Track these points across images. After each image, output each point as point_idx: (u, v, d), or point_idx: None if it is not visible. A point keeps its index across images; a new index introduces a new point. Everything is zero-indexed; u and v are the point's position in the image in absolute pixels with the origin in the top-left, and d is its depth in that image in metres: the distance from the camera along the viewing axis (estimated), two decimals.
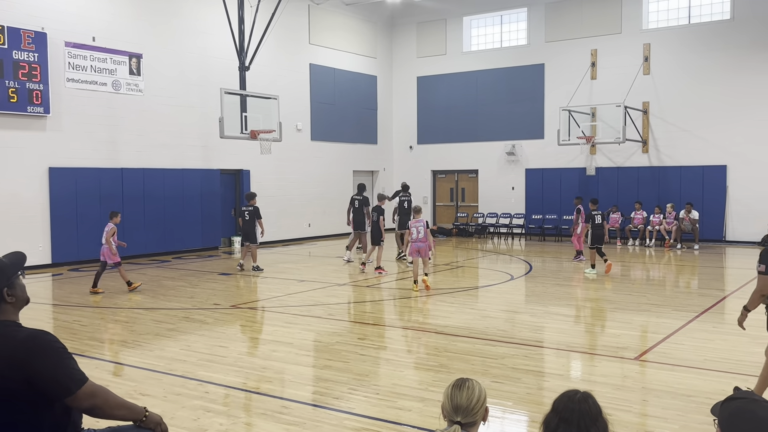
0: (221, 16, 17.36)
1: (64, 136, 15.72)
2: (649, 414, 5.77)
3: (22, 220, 14.96)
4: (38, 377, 2.86)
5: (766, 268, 5.28)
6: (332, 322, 9.64)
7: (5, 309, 3.05)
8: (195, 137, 18.61)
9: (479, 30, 24.47)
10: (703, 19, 20.40)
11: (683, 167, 20.44)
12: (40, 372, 2.87)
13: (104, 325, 9.39)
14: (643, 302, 10.85)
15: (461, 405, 2.89)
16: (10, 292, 3.06)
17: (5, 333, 2.98)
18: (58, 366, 2.91)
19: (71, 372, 2.94)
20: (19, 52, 14.61)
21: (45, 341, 2.96)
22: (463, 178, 24.77)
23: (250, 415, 5.83)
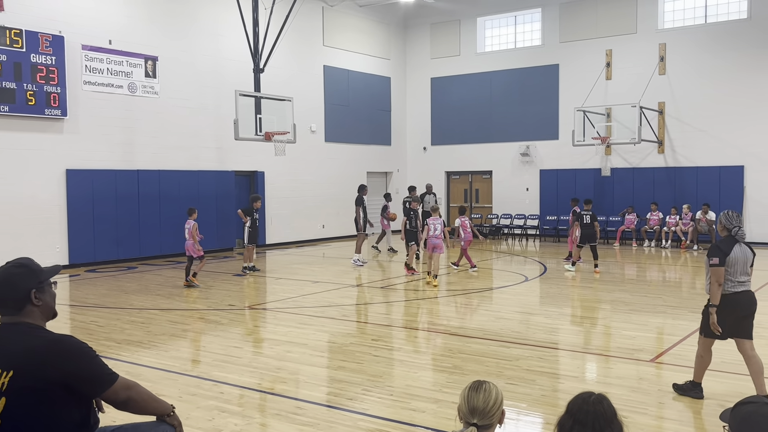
0: (236, 19, 17.46)
1: (81, 138, 15.87)
2: (665, 417, 5.73)
3: (39, 222, 15.12)
4: (74, 378, 2.93)
5: (718, 261, 5.77)
6: (346, 323, 9.65)
7: (31, 311, 3.08)
8: (210, 139, 18.72)
9: (493, 31, 24.42)
10: (720, 19, 20.21)
11: (700, 168, 20.26)
12: (76, 373, 2.94)
13: (120, 325, 9.47)
14: (659, 304, 10.77)
15: (478, 407, 2.89)
16: (38, 296, 3.09)
17: (33, 333, 3.03)
18: (91, 364, 3.00)
19: (104, 368, 3.04)
20: (37, 55, 14.78)
21: (73, 343, 3.02)
22: (477, 179, 24.71)
23: (265, 415, 5.85)
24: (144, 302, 11.35)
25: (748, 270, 5.92)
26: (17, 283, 3.06)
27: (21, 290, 3.05)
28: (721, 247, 5.88)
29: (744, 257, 5.90)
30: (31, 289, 3.07)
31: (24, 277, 3.09)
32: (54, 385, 2.89)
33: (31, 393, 2.88)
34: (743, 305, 5.90)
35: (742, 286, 5.89)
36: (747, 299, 5.91)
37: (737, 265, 5.85)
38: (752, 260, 5.97)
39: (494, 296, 12.04)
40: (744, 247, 5.95)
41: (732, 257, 5.83)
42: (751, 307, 5.94)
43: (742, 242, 5.97)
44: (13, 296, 3.05)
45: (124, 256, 16.70)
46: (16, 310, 3.05)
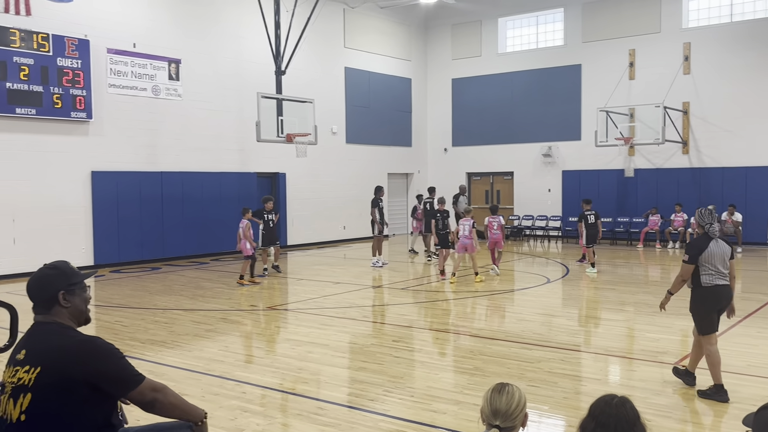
0: (258, 21, 17.59)
1: (106, 141, 16.09)
2: (689, 420, 5.66)
3: (65, 223, 15.34)
4: (100, 377, 2.98)
5: (689, 258, 6.16)
6: (367, 324, 9.67)
7: (59, 312, 3.16)
8: (232, 141, 18.86)
9: (515, 31, 24.30)
10: (746, 17, 19.92)
11: (725, 168, 19.97)
12: (103, 372, 3.00)
13: (144, 325, 9.58)
14: (683, 306, 10.58)
15: (500, 409, 2.88)
16: (67, 298, 3.18)
17: (63, 333, 3.10)
18: (118, 365, 3.06)
19: (130, 369, 3.10)
20: (63, 59, 15.01)
21: (101, 344, 3.10)
22: (499, 180, 24.60)
23: (287, 415, 5.88)
24: (167, 302, 11.47)
25: (726, 263, 6.16)
26: (47, 283, 3.18)
27: (49, 291, 3.16)
28: (698, 245, 6.16)
29: (721, 252, 6.15)
30: (60, 291, 3.16)
31: (54, 278, 3.19)
32: (79, 384, 2.94)
33: (56, 390, 2.93)
34: (725, 298, 6.20)
35: (723, 280, 6.16)
36: (727, 293, 6.20)
37: (715, 260, 6.13)
38: (731, 253, 6.22)
39: (516, 298, 11.98)
40: (720, 243, 6.20)
41: (708, 253, 6.11)
42: (727, 301, 6.26)
43: (718, 238, 6.21)
44: (42, 296, 3.17)
45: (148, 256, 16.88)
46: (46, 309, 3.16)
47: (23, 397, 2.95)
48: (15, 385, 2.98)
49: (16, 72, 14.27)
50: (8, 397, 3.00)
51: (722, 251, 6.16)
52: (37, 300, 3.18)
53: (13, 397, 2.97)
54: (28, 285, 3.22)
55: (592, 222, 14.80)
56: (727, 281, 6.19)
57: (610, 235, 21.33)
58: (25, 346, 3.09)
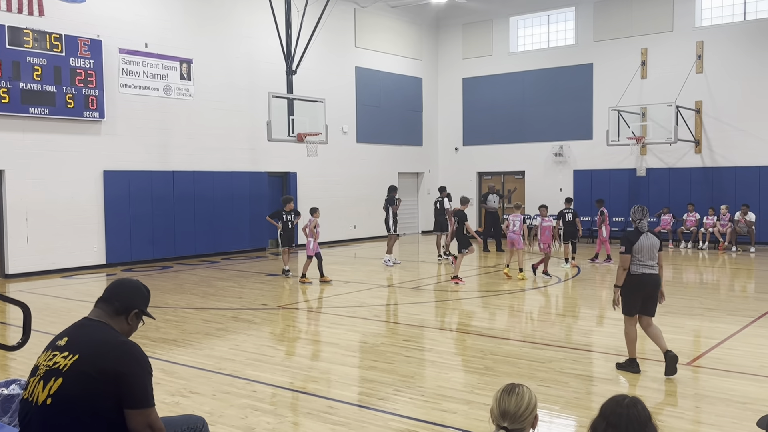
0: (269, 21, 17.63)
1: (118, 140, 16.18)
2: (702, 421, 5.62)
3: (78, 222, 15.45)
4: (127, 377, 3.02)
5: (624, 250, 6.83)
6: (377, 323, 9.67)
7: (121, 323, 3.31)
8: (243, 140, 18.92)
9: (526, 30, 24.22)
10: (760, 15, 19.74)
11: (738, 168, 19.81)
12: (131, 374, 3.04)
13: (156, 324, 9.62)
14: (696, 306, 10.57)
15: (509, 411, 2.86)
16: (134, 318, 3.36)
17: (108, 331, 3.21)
18: (144, 379, 3.11)
19: (148, 389, 3.12)
20: (75, 59, 15.11)
21: (141, 352, 3.18)
22: (510, 180, 24.53)
23: (297, 414, 5.89)
24: (179, 301, 11.52)
25: (655, 255, 6.86)
26: (135, 296, 3.36)
27: (132, 302, 3.33)
28: (629, 238, 6.88)
29: (650, 244, 6.85)
30: (136, 308, 3.34)
31: (141, 297, 3.39)
32: (108, 377, 2.99)
33: (86, 379, 2.99)
34: (650, 285, 6.86)
35: (650, 269, 6.86)
36: (652, 281, 6.87)
37: (643, 252, 6.83)
38: (659, 246, 6.90)
39: (527, 297, 11.94)
40: (650, 236, 6.91)
41: (638, 245, 6.82)
42: (655, 289, 6.90)
43: (648, 232, 6.92)
44: (123, 301, 3.31)
45: (160, 255, 16.97)
46: (113, 313, 3.29)
47: (54, 381, 3.00)
48: (49, 369, 3.04)
49: (29, 72, 14.38)
50: (39, 379, 3.06)
51: (651, 244, 6.86)
52: (115, 299, 3.29)
53: (44, 380, 3.03)
54: (118, 283, 3.37)
55: (570, 220, 15.45)
56: (653, 270, 6.87)
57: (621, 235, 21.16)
58: (69, 334, 3.18)
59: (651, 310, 6.95)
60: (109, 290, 3.34)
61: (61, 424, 2.97)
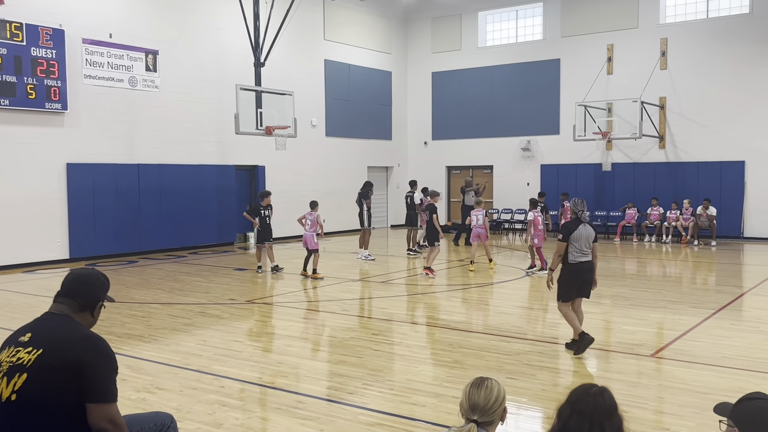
0: (236, 13, 17.43)
1: (82, 132, 15.86)
2: (665, 411, 5.74)
3: (40, 215, 15.12)
4: (89, 369, 2.96)
5: (562, 237, 7.38)
6: (347, 317, 9.67)
7: (86, 318, 3.25)
8: (210, 133, 18.70)
9: (494, 25, 24.36)
10: (722, 14, 20.15)
11: (700, 163, 20.24)
12: (90, 364, 2.97)
13: (121, 319, 9.49)
14: (660, 299, 10.78)
15: (478, 404, 2.88)
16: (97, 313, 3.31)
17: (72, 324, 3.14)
18: (108, 374, 3.05)
19: (111, 384, 3.05)
20: (37, 48, 14.75)
21: (106, 346, 3.11)
22: (478, 174, 24.68)
23: (265, 409, 5.87)
24: (145, 296, 11.37)
25: (590, 244, 7.41)
26: (98, 290, 3.29)
27: (95, 296, 3.27)
28: (568, 227, 7.39)
29: (586, 234, 7.38)
30: (100, 301, 3.29)
31: (103, 289, 3.33)
32: (73, 370, 2.94)
33: (51, 373, 2.94)
34: (584, 272, 7.42)
35: (585, 257, 7.40)
36: (587, 267, 7.44)
37: (581, 241, 7.35)
38: (594, 237, 7.45)
39: (495, 291, 12.05)
40: (587, 227, 7.43)
41: (576, 234, 7.34)
42: (590, 274, 7.47)
43: (586, 223, 7.44)
44: (87, 297, 3.24)
45: (125, 250, 16.71)
46: (79, 308, 3.22)
47: (18, 376, 2.95)
48: (13, 365, 2.99)
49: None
50: (2, 375, 3.00)
51: (587, 234, 7.38)
52: (77, 295, 3.21)
53: (8, 376, 2.98)
54: (76, 278, 3.26)
55: None
56: (589, 258, 7.41)
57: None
58: (32, 330, 3.12)
59: (586, 293, 7.59)
60: (69, 285, 3.24)
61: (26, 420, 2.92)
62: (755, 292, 11.52)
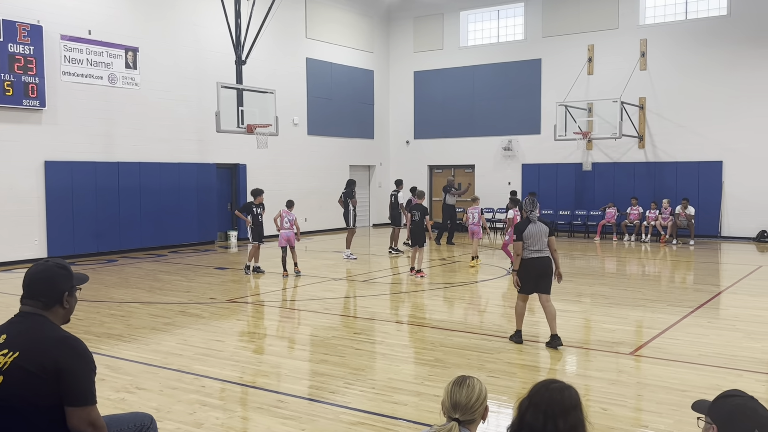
0: (218, 10, 17.31)
1: (60, 130, 15.67)
2: (643, 408, 5.80)
3: (18, 214, 14.92)
4: (67, 373, 2.92)
5: (516, 237, 7.76)
6: (328, 316, 9.65)
7: (57, 312, 3.17)
8: (191, 131, 18.57)
9: (476, 25, 24.44)
10: (700, 15, 20.39)
11: (679, 163, 20.47)
12: (67, 368, 2.93)
13: (100, 319, 9.39)
14: (639, 297, 10.89)
15: (460, 402, 2.89)
16: (68, 299, 3.20)
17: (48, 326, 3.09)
18: (87, 375, 3.00)
19: (90, 386, 3.01)
20: (14, 45, 14.54)
21: (83, 347, 3.06)
22: (460, 173, 24.76)
23: (246, 409, 5.84)
24: (124, 295, 11.26)
25: (543, 241, 7.68)
26: (57, 282, 3.17)
27: (58, 290, 3.16)
28: (519, 227, 7.78)
29: (537, 231, 7.68)
30: (65, 292, 3.17)
31: (64, 278, 3.20)
32: (49, 374, 2.90)
33: (28, 376, 2.90)
34: (538, 268, 7.72)
35: (538, 254, 7.71)
36: (541, 263, 7.72)
37: (533, 238, 7.68)
38: (548, 232, 7.70)
39: (476, 290, 12.09)
40: (538, 224, 7.72)
41: (527, 233, 7.70)
42: (545, 269, 7.73)
43: (536, 221, 7.73)
44: (49, 294, 3.14)
45: (104, 248, 16.54)
46: (45, 306, 3.14)
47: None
48: None
49: None
50: None
51: (539, 231, 7.69)
52: (38, 295, 3.13)
53: None
54: (32, 279, 3.16)
55: None
56: (542, 255, 7.71)
57: (567, 228, 21.71)
58: (7, 331, 3.07)
59: (544, 288, 7.78)
60: (28, 288, 3.15)
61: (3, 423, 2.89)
62: (732, 290, 11.68)
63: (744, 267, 14.45)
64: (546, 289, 7.79)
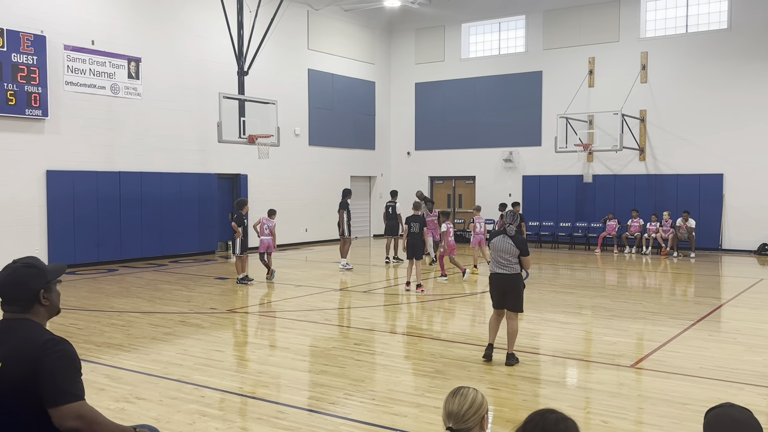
0: (220, 21, 17.39)
1: (63, 139, 15.71)
2: (644, 422, 5.78)
3: (19, 223, 14.93)
4: (42, 375, 2.87)
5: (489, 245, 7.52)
6: (328, 327, 9.64)
7: (38, 311, 3.12)
8: (193, 141, 18.61)
9: (477, 37, 24.55)
10: (701, 29, 20.48)
11: (680, 175, 20.49)
12: (45, 371, 2.87)
13: (100, 328, 9.38)
14: (639, 310, 10.87)
15: (452, 411, 2.89)
16: (46, 296, 3.13)
17: (31, 330, 3.03)
18: (62, 371, 2.91)
19: (71, 385, 2.92)
20: (18, 54, 14.61)
21: (64, 347, 2.99)
22: (461, 185, 24.79)
23: (246, 419, 5.82)
24: (125, 305, 11.25)
25: (506, 258, 7.45)
26: (28, 282, 3.09)
27: (31, 290, 3.09)
28: (491, 235, 7.65)
29: (502, 247, 7.46)
30: (40, 290, 3.10)
31: (34, 277, 3.12)
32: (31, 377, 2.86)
33: (14, 386, 2.86)
34: (500, 284, 7.52)
35: (502, 269, 7.50)
36: (502, 280, 7.49)
37: (497, 252, 7.50)
38: (514, 251, 7.41)
39: (476, 301, 12.08)
40: (506, 240, 7.46)
41: (492, 243, 7.54)
42: (507, 287, 7.47)
43: (509, 236, 7.47)
44: (23, 296, 3.08)
45: (105, 258, 16.54)
46: (24, 309, 3.09)
47: None
48: None
49: None
50: None
51: (503, 247, 7.45)
52: (13, 299, 3.08)
53: None
54: (2, 284, 3.09)
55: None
56: (504, 271, 7.47)
57: (568, 240, 21.70)
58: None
59: (510, 305, 7.52)
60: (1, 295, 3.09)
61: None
62: (733, 303, 11.66)
63: (745, 280, 14.43)
64: (513, 305, 7.54)
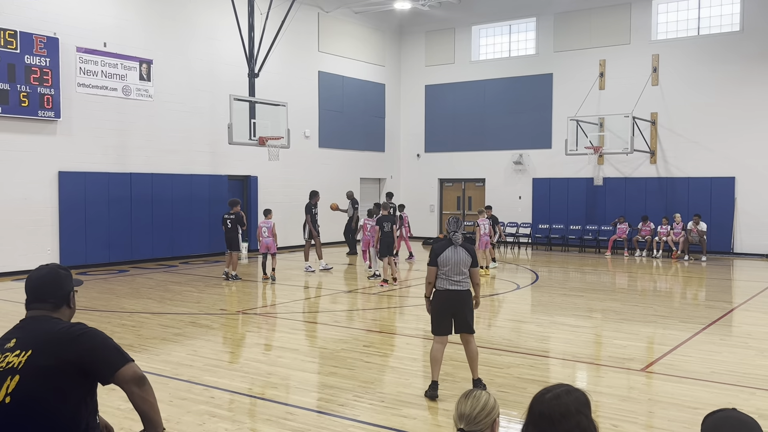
0: (231, 23, 17.47)
1: (75, 141, 15.83)
2: (655, 426, 5.75)
3: (31, 224, 15.05)
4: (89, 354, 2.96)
5: (429, 262, 6.39)
6: (338, 329, 9.65)
7: (65, 313, 3.24)
8: (204, 143, 18.69)
9: (488, 39, 24.52)
10: (713, 31, 20.37)
11: (691, 178, 20.38)
12: (92, 348, 2.97)
13: (111, 329, 9.43)
14: (650, 313, 10.81)
15: (464, 413, 2.89)
16: (72, 301, 3.28)
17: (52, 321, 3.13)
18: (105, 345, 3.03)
19: (119, 349, 3.05)
20: (31, 56, 14.74)
21: (93, 329, 3.10)
22: (470, 187, 24.76)
23: (255, 420, 5.84)
24: (135, 306, 11.31)
25: (463, 271, 6.36)
26: (63, 283, 3.24)
27: (65, 291, 3.24)
28: (435, 249, 6.44)
29: (456, 259, 6.34)
30: (71, 292, 3.25)
31: (68, 279, 3.28)
32: (70, 365, 2.93)
33: (45, 372, 2.92)
34: (454, 302, 6.38)
35: (456, 285, 6.36)
36: (457, 297, 6.36)
37: (449, 265, 6.34)
38: (469, 263, 6.39)
39: (486, 304, 12.05)
40: (458, 250, 6.38)
41: (443, 258, 6.35)
42: (463, 306, 6.40)
43: (458, 245, 6.40)
44: (58, 294, 3.21)
45: (116, 259, 16.63)
46: (54, 308, 3.19)
47: (10, 379, 2.93)
48: (3, 369, 2.97)
49: None
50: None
51: (458, 259, 6.35)
52: (47, 297, 3.19)
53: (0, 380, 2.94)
54: (40, 282, 3.22)
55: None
56: (460, 287, 6.37)
57: (578, 243, 21.63)
58: (16, 335, 3.10)
59: (462, 326, 6.45)
60: (36, 292, 3.21)
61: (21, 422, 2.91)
62: (745, 307, 11.58)
63: (757, 284, 14.32)
64: (465, 327, 6.45)
